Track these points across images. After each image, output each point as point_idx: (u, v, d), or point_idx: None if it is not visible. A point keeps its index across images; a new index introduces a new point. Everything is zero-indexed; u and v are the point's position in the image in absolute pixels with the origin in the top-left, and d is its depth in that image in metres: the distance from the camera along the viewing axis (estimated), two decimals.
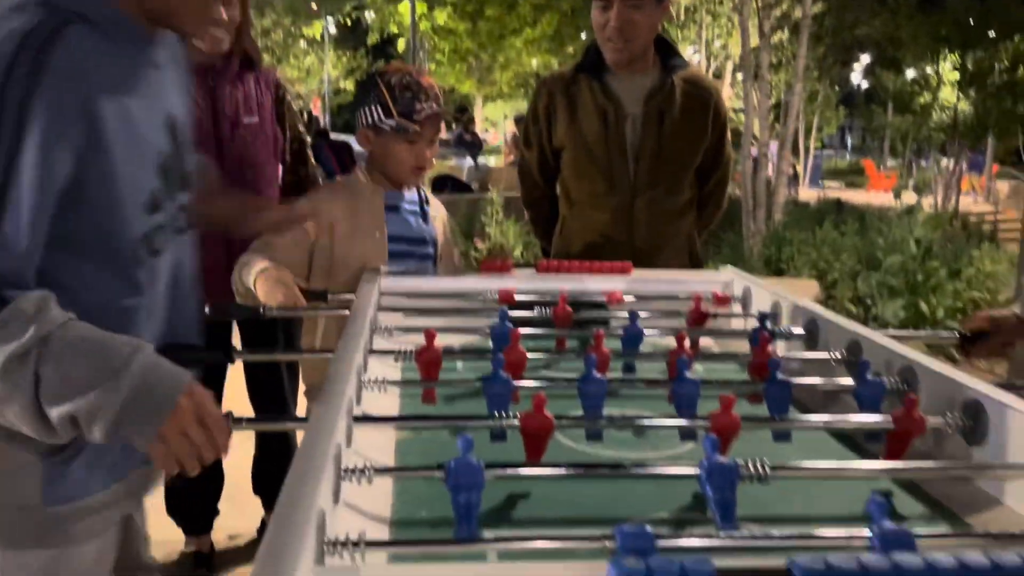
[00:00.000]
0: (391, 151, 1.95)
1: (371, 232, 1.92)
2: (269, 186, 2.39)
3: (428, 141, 1.97)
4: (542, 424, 1.00)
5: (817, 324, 1.52)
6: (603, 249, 2.25)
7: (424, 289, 1.83)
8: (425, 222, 2.03)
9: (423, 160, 1.98)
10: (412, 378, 1.30)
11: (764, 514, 0.93)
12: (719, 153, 2.37)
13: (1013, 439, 0.99)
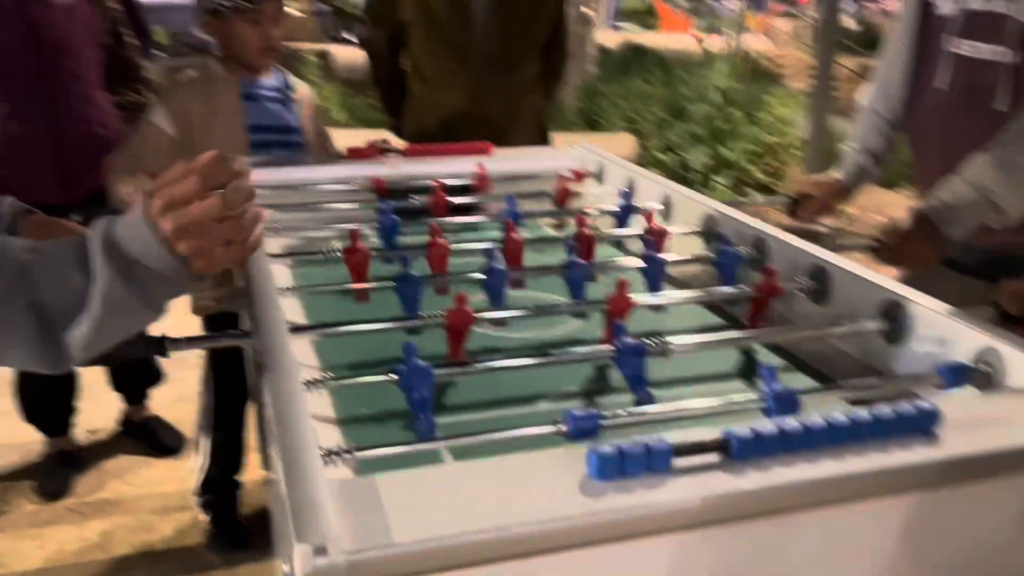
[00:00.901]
0: (235, 34, 1.90)
1: (229, 122, 1.88)
2: (89, 71, 2.24)
3: (273, 20, 1.93)
4: (465, 320, 1.10)
5: (672, 200, 1.68)
6: (457, 126, 2.31)
7: (294, 179, 1.83)
8: (288, 108, 2.00)
9: (270, 40, 1.94)
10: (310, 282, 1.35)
11: (660, 379, 1.09)
12: (560, 28, 2.45)
13: (851, 298, 1.19)
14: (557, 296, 1.35)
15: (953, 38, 1.59)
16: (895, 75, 1.76)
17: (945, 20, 1.61)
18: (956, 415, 0.79)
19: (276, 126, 1.98)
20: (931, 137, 1.69)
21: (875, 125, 1.80)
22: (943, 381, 0.96)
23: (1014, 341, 0.96)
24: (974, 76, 1.56)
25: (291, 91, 2.03)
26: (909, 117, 1.77)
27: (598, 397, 1.09)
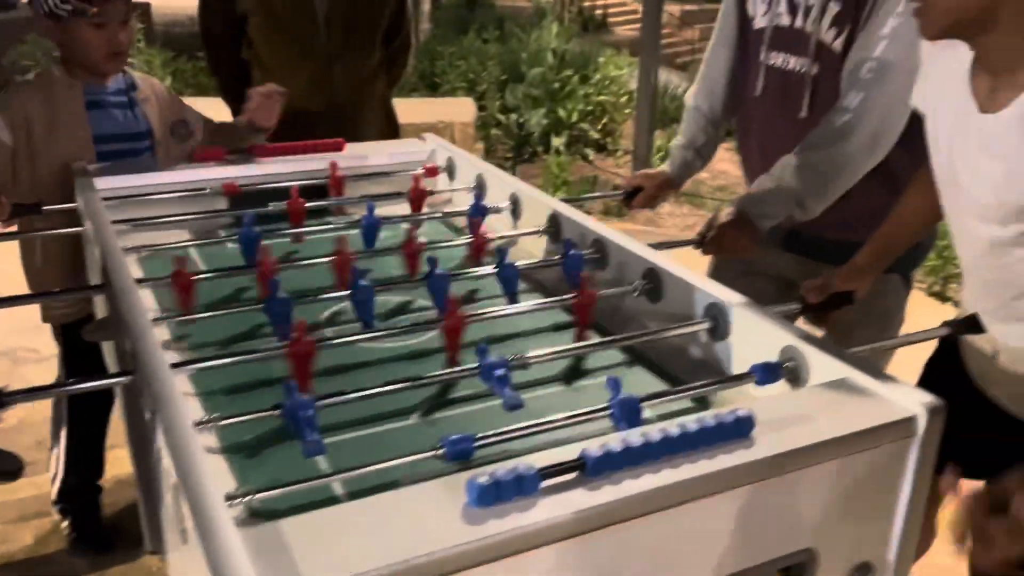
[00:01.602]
0: (78, 39, 1.81)
1: (73, 131, 1.83)
2: None
3: (119, 21, 1.84)
4: (307, 349, 1.16)
5: (519, 198, 1.80)
6: (304, 117, 2.33)
7: (143, 186, 1.81)
8: (134, 113, 1.95)
9: (117, 44, 1.85)
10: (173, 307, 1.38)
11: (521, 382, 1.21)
12: (401, 14, 2.49)
13: (680, 298, 1.35)
14: (423, 299, 1.44)
15: (765, 50, 1.77)
16: (717, 78, 1.94)
17: (760, 33, 1.79)
18: (767, 416, 0.95)
19: (123, 134, 1.93)
20: (750, 137, 1.89)
21: (699, 123, 1.97)
22: (758, 379, 1.13)
23: (811, 340, 1.14)
24: (783, 85, 1.75)
25: (136, 92, 1.96)
26: (731, 117, 1.96)
27: (469, 404, 1.19)
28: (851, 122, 1.60)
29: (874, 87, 1.58)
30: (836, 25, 1.64)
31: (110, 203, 1.71)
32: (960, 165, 1.27)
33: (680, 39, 16.78)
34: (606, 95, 6.83)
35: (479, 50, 7.48)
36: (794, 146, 1.67)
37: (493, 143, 6.54)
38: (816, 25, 1.66)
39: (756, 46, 1.79)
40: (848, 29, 1.62)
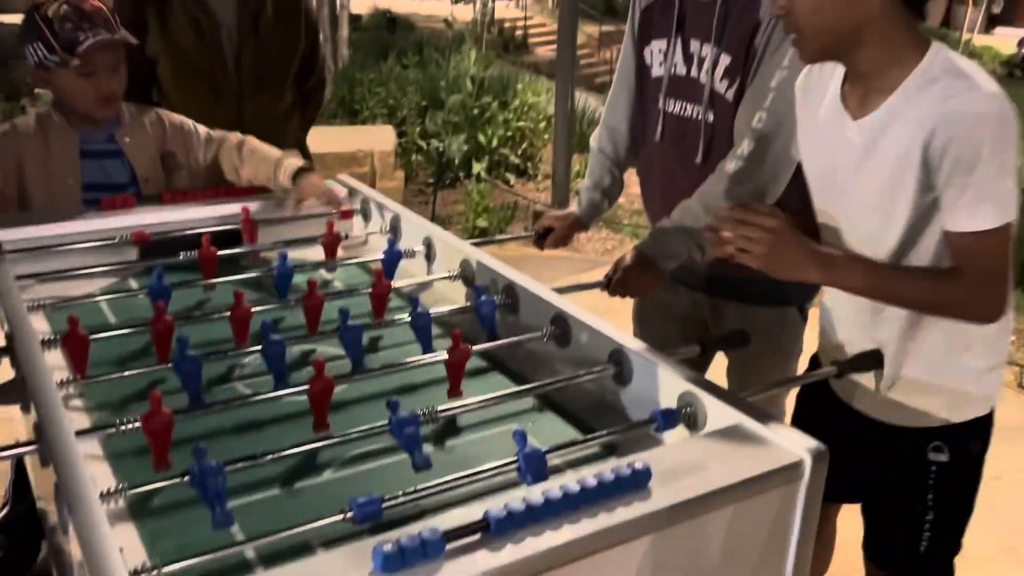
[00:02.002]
0: (68, 88, 1.82)
1: (63, 180, 1.81)
2: None
3: (108, 69, 1.84)
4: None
5: (433, 242, 1.83)
6: None
7: (51, 236, 1.78)
8: (120, 159, 1.93)
9: (107, 91, 1.86)
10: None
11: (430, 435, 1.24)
12: (314, 54, 2.51)
13: (587, 343, 1.40)
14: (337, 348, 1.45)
15: (663, 97, 1.85)
16: (619, 122, 2.01)
17: (657, 81, 1.86)
18: (664, 466, 1.00)
19: (110, 184, 1.90)
20: (651, 180, 1.96)
21: (604, 165, 2.04)
22: (659, 425, 1.18)
23: (707, 386, 1.20)
24: (681, 131, 1.83)
25: (119, 130, 1.92)
26: (634, 159, 2.04)
27: (378, 459, 1.21)
28: (745, 169, 1.69)
29: (765, 136, 1.67)
30: (727, 76, 1.73)
31: (14, 256, 1.68)
32: (843, 178, 1.40)
33: (598, 60, 17.11)
34: (525, 121, 6.92)
35: (399, 76, 7.51)
36: (692, 190, 1.74)
37: (414, 169, 6.56)
38: (709, 76, 1.75)
39: (655, 93, 1.87)
40: (738, 80, 1.71)
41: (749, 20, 1.69)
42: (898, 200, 1.34)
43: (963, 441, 1.49)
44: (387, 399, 1.16)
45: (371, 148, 5.15)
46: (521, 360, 1.48)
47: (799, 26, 1.35)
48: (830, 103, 1.43)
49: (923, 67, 1.30)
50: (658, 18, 1.87)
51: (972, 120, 1.24)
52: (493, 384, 1.42)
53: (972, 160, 1.24)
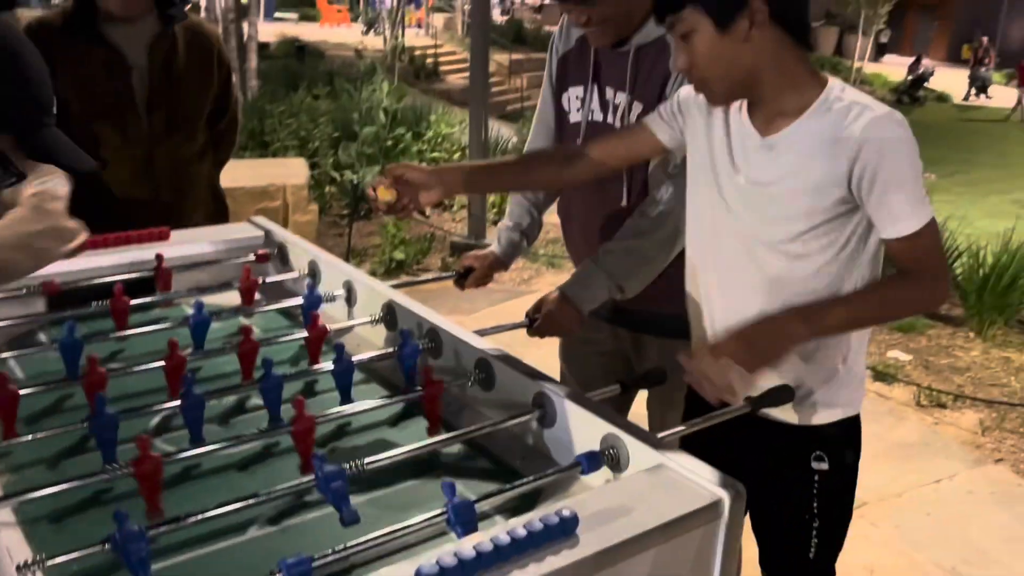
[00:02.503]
0: None
1: None
2: None
3: None
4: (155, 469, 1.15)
5: (353, 285, 1.83)
6: (129, 205, 2.27)
7: None
8: None
9: None
10: None
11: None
12: (227, 96, 2.48)
13: (511, 386, 1.42)
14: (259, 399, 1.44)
15: (582, 142, 1.90)
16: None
17: (576, 127, 1.92)
18: (590, 511, 1.03)
19: None
20: (572, 222, 2.02)
21: (523, 206, 2.08)
22: (584, 468, 1.21)
23: (629, 428, 1.24)
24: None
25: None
26: (553, 201, 2.09)
27: (310, 512, 1.21)
28: (664, 212, 1.76)
29: (680, 180, 1.73)
30: None
31: None
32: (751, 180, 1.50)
33: (509, 87, 17.33)
34: (439, 152, 6.95)
35: (310, 107, 7.46)
36: (613, 232, 1.80)
37: (328, 201, 6.51)
38: (623, 123, 1.81)
39: (573, 138, 1.92)
40: None
41: (660, 70, 1.76)
42: (807, 209, 1.45)
43: (840, 450, 1.63)
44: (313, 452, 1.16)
45: (283, 182, 5.09)
46: (445, 405, 1.49)
47: (703, 77, 1.45)
48: (735, 120, 1.53)
49: (824, 96, 1.44)
50: (574, 66, 1.93)
51: (889, 144, 1.38)
52: (418, 430, 1.43)
53: (897, 177, 1.39)
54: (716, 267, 1.60)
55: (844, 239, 1.47)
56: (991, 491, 3.32)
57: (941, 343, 4.73)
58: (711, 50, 1.41)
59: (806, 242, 1.47)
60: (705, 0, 1.39)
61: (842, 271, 1.49)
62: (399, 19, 16.21)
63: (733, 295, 1.58)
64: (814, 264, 1.48)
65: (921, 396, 4.04)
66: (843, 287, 1.49)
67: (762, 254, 1.52)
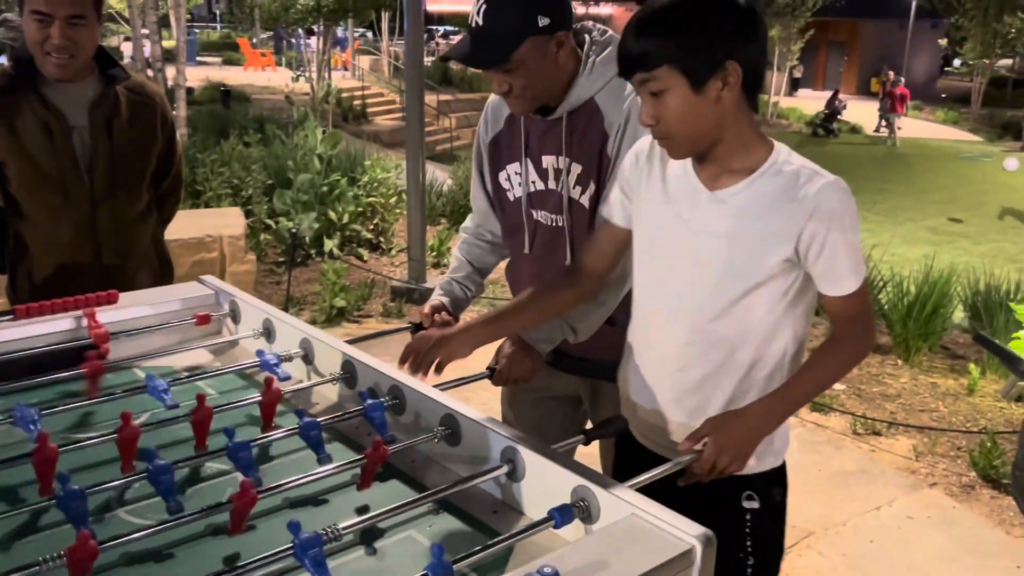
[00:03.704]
0: None
1: None
2: None
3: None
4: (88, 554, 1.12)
5: (311, 344, 1.83)
6: (73, 266, 2.24)
7: None
8: None
9: None
10: None
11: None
12: (171, 155, 2.47)
13: (478, 441, 1.44)
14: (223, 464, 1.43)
15: (527, 210, 1.98)
16: (483, 236, 2.15)
17: (518, 202, 1.99)
18: (570, 568, 1.05)
19: None
20: (522, 284, 2.07)
21: (468, 273, 2.14)
22: (556, 522, 1.24)
23: (598, 479, 1.27)
24: (550, 238, 1.95)
25: None
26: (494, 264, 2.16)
27: None
28: None
29: None
30: (580, 183, 1.87)
31: None
32: (695, 233, 1.55)
33: (438, 127, 17.49)
34: (375, 196, 6.96)
35: (241, 155, 7.39)
36: None
37: (263, 249, 6.44)
38: (565, 185, 1.89)
39: (517, 212, 1.99)
40: (593, 187, 1.85)
41: (596, 132, 1.83)
42: (753, 264, 1.51)
43: (768, 489, 1.68)
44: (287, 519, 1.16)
45: (219, 233, 5.03)
46: (411, 461, 1.51)
47: (669, 133, 1.50)
48: (679, 173, 1.58)
49: (771, 160, 1.51)
50: (506, 145, 1.99)
51: (838, 209, 1.47)
52: (389, 489, 1.43)
53: (844, 241, 1.47)
54: (654, 313, 1.66)
55: (782, 294, 1.54)
56: (928, 515, 3.45)
57: (871, 371, 4.90)
58: (683, 109, 1.45)
59: (747, 296, 1.53)
60: (683, 60, 1.42)
61: (779, 323, 1.56)
62: (326, 62, 16.22)
63: (666, 344, 1.63)
64: (752, 317, 1.54)
65: (856, 425, 4.17)
66: (777, 340, 1.57)
67: (699, 306, 1.57)
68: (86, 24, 2.12)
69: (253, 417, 1.64)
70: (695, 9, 1.45)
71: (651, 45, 1.44)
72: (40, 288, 2.22)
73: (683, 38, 1.43)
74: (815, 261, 1.49)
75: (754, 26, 1.46)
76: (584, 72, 1.82)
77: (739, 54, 1.44)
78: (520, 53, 1.73)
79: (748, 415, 1.54)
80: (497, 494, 1.41)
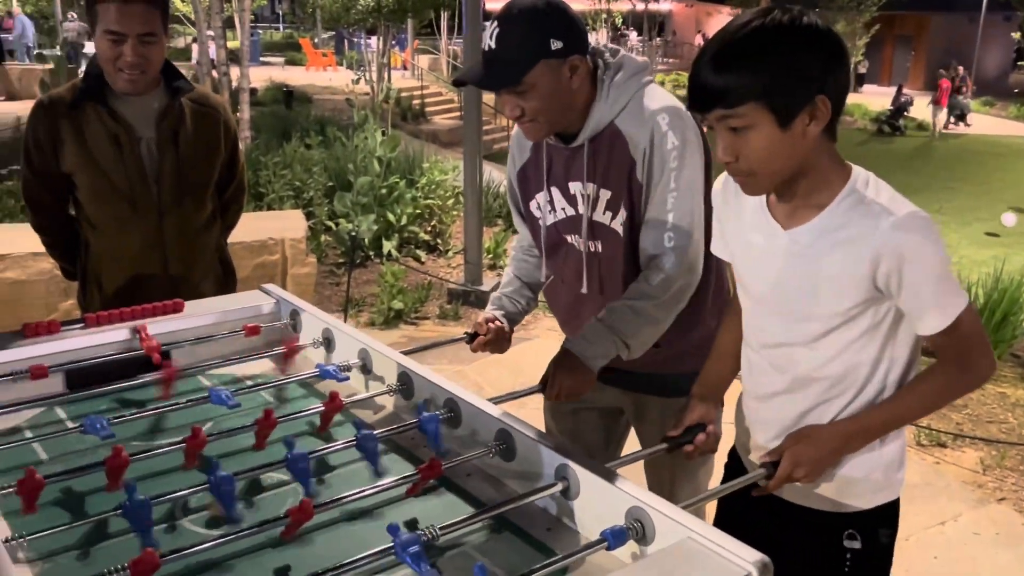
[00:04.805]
0: None
1: None
2: None
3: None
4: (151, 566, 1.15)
5: (369, 355, 1.85)
6: (139, 273, 2.31)
7: None
8: None
9: None
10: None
11: None
12: (234, 164, 2.52)
13: (532, 457, 1.44)
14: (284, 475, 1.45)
15: (563, 236, 2.00)
16: (531, 253, 2.17)
17: (551, 228, 2.01)
18: None
19: None
20: (558, 306, 2.11)
21: (518, 288, 2.17)
22: (609, 544, 1.23)
23: (653, 500, 1.26)
24: (580, 263, 1.98)
25: None
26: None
27: None
28: (667, 279, 1.83)
29: (678, 250, 1.82)
30: (610, 209, 1.88)
31: None
32: (775, 276, 1.50)
33: (495, 126, 17.52)
34: (433, 198, 7.01)
35: (303, 157, 7.51)
36: (590, 314, 1.89)
37: (324, 250, 6.54)
38: (593, 210, 1.90)
39: (551, 239, 2.03)
40: (624, 212, 1.86)
41: (623, 159, 1.83)
42: (831, 303, 1.45)
43: (874, 529, 1.58)
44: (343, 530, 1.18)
45: (281, 236, 5.12)
46: (466, 475, 1.51)
47: (750, 171, 1.42)
48: (756, 210, 1.54)
49: (848, 190, 1.43)
50: (533, 174, 2.01)
51: (913, 246, 1.37)
52: (445, 502, 1.44)
53: (923, 277, 1.38)
54: (748, 345, 1.64)
55: (872, 328, 1.46)
56: (996, 532, 3.34)
57: None
58: (767, 146, 1.37)
59: (831, 334, 1.47)
60: (772, 98, 1.33)
61: (878, 356, 1.48)
62: (386, 62, 16.39)
63: (763, 379, 1.61)
64: (845, 354, 1.48)
65: (921, 436, 4.07)
66: (878, 372, 1.50)
67: (786, 345, 1.53)
68: (156, 41, 2.18)
69: (314, 426, 1.67)
70: (783, 41, 1.34)
71: (735, 81, 1.34)
72: (110, 298, 2.29)
73: (772, 75, 1.33)
74: (897, 299, 1.42)
75: (841, 55, 1.37)
76: (601, 97, 1.83)
77: (829, 87, 1.35)
78: (532, 76, 1.73)
79: (831, 432, 1.50)
80: (552, 510, 1.41)
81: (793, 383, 1.55)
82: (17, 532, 1.25)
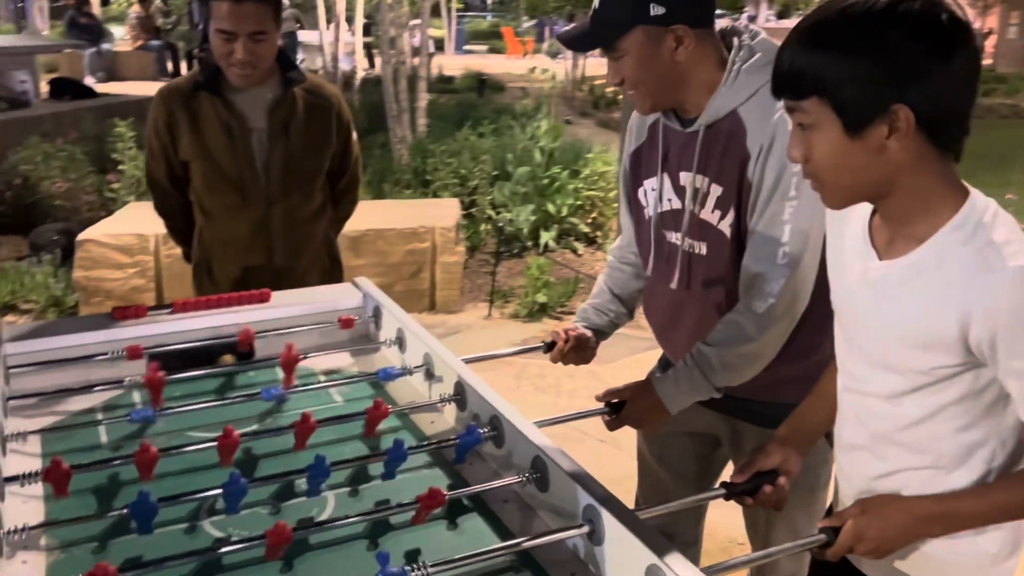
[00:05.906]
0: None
1: None
2: None
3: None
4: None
5: (432, 359, 1.77)
6: (246, 259, 2.36)
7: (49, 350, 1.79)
8: None
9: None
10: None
11: None
12: (346, 155, 2.52)
13: (563, 493, 1.31)
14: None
15: (662, 231, 1.81)
16: (626, 260, 2.02)
17: (658, 217, 1.82)
18: None
19: None
20: (656, 311, 1.91)
21: (607, 299, 2.02)
22: None
23: (675, 561, 1.09)
24: (679, 264, 1.78)
25: None
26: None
27: None
28: (774, 306, 1.62)
29: (788, 271, 1.60)
30: (720, 207, 1.67)
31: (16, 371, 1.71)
32: (861, 312, 1.29)
33: None
34: (596, 189, 6.87)
35: (473, 145, 7.57)
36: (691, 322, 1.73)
37: (483, 239, 6.56)
38: (694, 204, 1.70)
39: (649, 231, 1.85)
40: (732, 213, 1.65)
41: (737, 151, 1.62)
42: (915, 358, 1.21)
43: None
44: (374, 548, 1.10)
45: (433, 224, 5.17)
46: (502, 502, 1.40)
47: (818, 178, 1.22)
48: (857, 233, 1.31)
49: (956, 222, 1.16)
50: (646, 158, 1.83)
51: (1012, 309, 1.10)
52: (469, 532, 1.34)
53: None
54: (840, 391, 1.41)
55: (969, 397, 1.20)
56: None
57: None
58: (834, 154, 1.16)
59: (915, 394, 1.23)
60: (835, 94, 1.12)
61: (974, 433, 1.23)
62: None
63: (847, 428, 1.39)
64: (932, 421, 1.23)
65: None
66: (976, 453, 1.24)
67: (868, 396, 1.30)
68: (267, 39, 2.20)
69: (356, 434, 1.61)
70: (869, 30, 1.09)
71: (805, 65, 1.13)
72: (220, 285, 2.35)
73: (841, 70, 1.10)
74: (995, 368, 1.14)
75: (949, 51, 1.08)
76: (727, 80, 1.61)
77: (912, 96, 1.09)
78: (627, 41, 1.59)
79: (907, 509, 1.26)
80: (580, 552, 1.28)
81: (872, 440, 1.32)
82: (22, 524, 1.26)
